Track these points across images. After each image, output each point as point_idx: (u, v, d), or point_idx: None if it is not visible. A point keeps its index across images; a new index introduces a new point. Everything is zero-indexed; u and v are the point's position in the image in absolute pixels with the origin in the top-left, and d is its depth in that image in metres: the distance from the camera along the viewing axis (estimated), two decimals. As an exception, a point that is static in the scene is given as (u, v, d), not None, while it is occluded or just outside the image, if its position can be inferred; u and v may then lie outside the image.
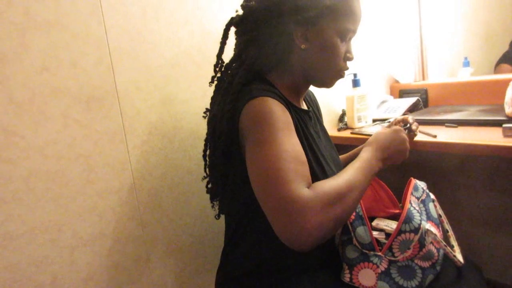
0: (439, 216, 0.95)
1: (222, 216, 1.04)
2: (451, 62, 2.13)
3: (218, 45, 0.95)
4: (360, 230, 0.89)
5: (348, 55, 0.91)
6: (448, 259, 0.90)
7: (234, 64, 0.91)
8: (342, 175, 0.77)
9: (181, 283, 1.24)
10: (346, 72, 0.93)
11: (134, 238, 1.12)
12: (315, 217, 0.65)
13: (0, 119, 0.87)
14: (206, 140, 0.96)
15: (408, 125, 1.10)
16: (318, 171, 0.85)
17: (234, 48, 0.94)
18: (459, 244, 0.95)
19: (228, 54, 0.94)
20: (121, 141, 1.08)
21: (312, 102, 1.11)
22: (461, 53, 2.12)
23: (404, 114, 1.61)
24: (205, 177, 1.03)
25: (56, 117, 0.95)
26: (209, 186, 1.03)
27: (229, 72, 0.91)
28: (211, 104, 0.98)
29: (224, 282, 0.97)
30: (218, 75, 0.96)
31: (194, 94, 1.22)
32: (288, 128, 0.78)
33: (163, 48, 1.15)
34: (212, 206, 1.05)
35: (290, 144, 0.75)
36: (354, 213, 0.90)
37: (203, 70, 1.23)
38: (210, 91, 1.24)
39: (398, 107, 1.65)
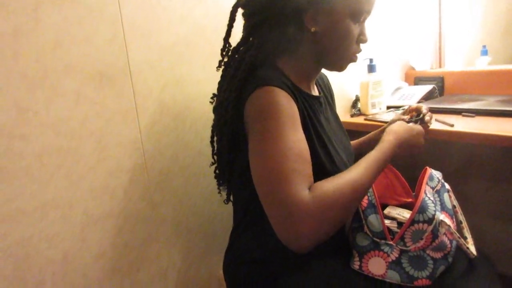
0: (454, 207, 0.94)
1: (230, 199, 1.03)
2: (469, 50, 2.07)
3: (234, 27, 0.92)
4: (372, 218, 0.88)
5: (361, 37, 0.87)
6: (460, 250, 0.89)
7: (241, 48, 0.88)
8: (349, 173, 0.74)
9: (189, 264, 1.25)
10: (358, 55, 0.90)
11: (144, 218, 1.12)
12: (313, 222, 0.64)
13: (13, 95, 0.86)
14: (213, 126, 0.95)
15: (421, 115, 1.03)
16: (325, 160, 0.84)
17: (242, 31, 0.90)
18: (472, 236, 0.94)
19: (236, 38, 0.92)
20: (133, 120, 1.07)
21: (325, 86, 1.08)
22: (480, 41, 2.07)
23: (419, 102, 1.58)
24: (212, 164, 1.02)
25: (69, 94, 0.94)
26: (217, 172, 1.02)
27: (236, 56, 0.89)
28: (218, 89, 0.95)
29: (232, 266, 0.97)
30: (226, 59, 0.93)
31: (207, 75, 1.20)
32: (293, 123, 0.75)
33: (177, 26, 1.13)
34: (219, 192, 1.04)
35: (294, 141, 0.73)
36: (366, 201, 0.89)
37: (218, 50, 1.20)
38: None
39: (413, 95, 1.62)
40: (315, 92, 0.98)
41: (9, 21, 0.84)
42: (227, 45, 0.92)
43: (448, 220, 0.85)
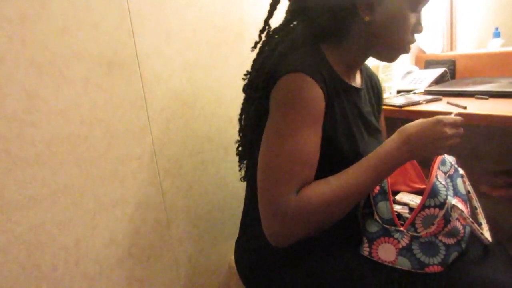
0: (468, 192, 0.92)
1: (241, 186, 1.03)
2: (481, 32, 2.03)
3: (241, 11, 0.90)
4: (382, 205, 0.86)
5: (417, 26, 0.82)
6: (474, 236, 0.87)
7: (283, 31, 0.84)
8: (345, 176, 0.74)
9: (200, 250, 1.26)
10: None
11: (154, 204, 1.13)
12: (292, 225, 0.70)
13: (22, 81, 0.86)
14: (242, 104, 0.94)
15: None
16: (347, 149, 0.82)
17: (286, 13, 0.86)
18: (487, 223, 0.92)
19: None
20: (142, 107, 1.06)
21: (372, 86, 1.01)
22: (492, 23, 2.02)
23: (430, 85, 1.55)
24: (238, 141, 1.00)
25: (77, 81, 0.94)
26: (239, 149, 1.00)
27: (276, 37, 0.85)
28: (251, 67, 0.91)
29: (242, 252, 0.97)
30: (264, 39, 0.88)
31: (215, 61, 1.19)
32: (312, 120, 0.74)
33: (184, 12, 1.11)
34: (240, 170, 1.01)
35: (304, 143, 0.73)
36: (378, 187, 0.88)
37: (225, 36, 1.20)
38: (232, 57, 1.22)
39: (424, 78, 1.59)
40: (356, 83, 0.92)
41: (16, 7, 0.83)
42: (266, 26, 0.88)
43: (461, 205, 0.84)
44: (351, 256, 0.86)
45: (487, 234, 0.86)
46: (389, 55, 0.87)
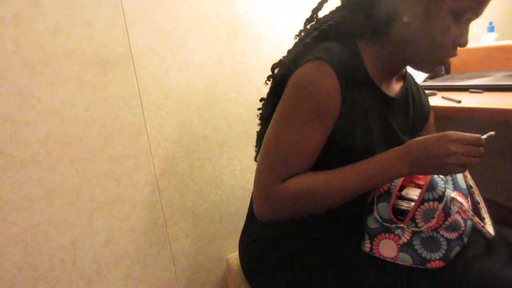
0: (470, 187, 0.91)
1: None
2: (475, 27, 2.03)
3: (234, 9, 0.90)
4: (382, 206, 0.86)
5: (460, 39, 0.74)
6: (477, 231, 0.87)
7: (324, 19, 0.82)
8: (335, 173, 0.74)
9: (198, 248, 1.25)
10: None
11: (151, 203, 1.13)
12: (271, 206, 0.75)
13: (16, 81, 0.85)
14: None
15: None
16: (361, 153, 0.78)
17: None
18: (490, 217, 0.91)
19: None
20: (137, 105, 1.06)
21: (415, 98, 0.95)
22: (486, 17, 2.02)
23: (424, 81, 1.55)
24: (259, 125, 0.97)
25: (71, 80, 0.93)
26: (258, 132, 0.96)
27: (316, 25, 0.82)
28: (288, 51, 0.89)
29: (245, 244, 0.97)
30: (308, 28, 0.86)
31: (210, 58, 1.19)
32: (321, 116, 0.72)
33: (178, 9, 1.11)
34: (256, 151, 0.97)
35: (307, 136, 0.73)
36: (385, 187, 0.86)
37: (220, 33, 1.19)
38: (226, 55, 1.21)
39: (417, 74, 1.59)
40: (391, 91, 0.86)
41: (9, 6, 0.83)
42: (313, 16, 0.85)
43: (460, 198, 0.83)
44: (353, 252, 0.86)
45: (489, 228, 0.85)
46: (425, 65, 0.81)
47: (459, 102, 1.10)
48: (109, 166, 1.02)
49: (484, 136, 0.76)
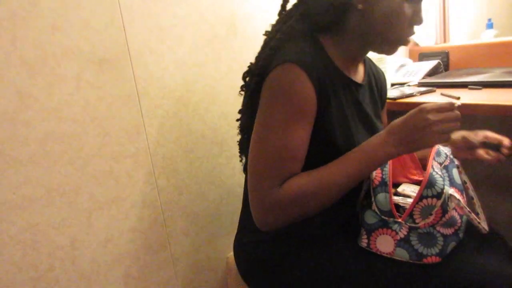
0: (464, 182, 0.92)
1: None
2: (474, 24, 2.03)
3: (232, 6, 0.90)
4: (381, 196, 0.86)
5: (415, 18, 0.79)
6: (471, 226, 0.87)
7: (285, 19, 0.84)
8: (328, 168, 0.76)
9: (197, 247, 1.25)
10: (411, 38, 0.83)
11: (150, 202, 1.12)
12: (275, 215, 0.76)
13: (14, 80, 0.85)
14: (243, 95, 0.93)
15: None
16: (341, 139, 0.81)
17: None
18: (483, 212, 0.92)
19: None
20: (135, 104, 1.06)
21: (377, 83, 1.00)
22: (485, 14, 2.02)
23: (423, 78, 1.55)
24: (239, 133, 0.99)
25: (69, 79, 0.93)
26: (240, 140, 0.99)
27: (277, 27, 0.85)
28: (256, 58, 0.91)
29: (240, 246, 0.97)
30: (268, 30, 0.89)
31: (208, 57, 1.18)
32: (300, 115, 0.75)
33: (175, 7, 1.10)
34: (241, 160, 1.00)
35: (292, 138, 0.74)
36: (379, 178, 0.87)
37: (217, 31, 1.19)
38: (224, 53, 1.21)
39: (417, 71, 1.59)
40: (357, 77, 0.90)
41: (6, 6, 0.83)
42: (283, 12, 0.87)
43: (457, 195, 0.84)
44: (349, 248, 0.86)
45: (484, 224, 0.86)
46: (387, 48, 0.84)
47: (458, 98, 1.11)
48: (108, 165, 1.02)
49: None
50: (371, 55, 1.49)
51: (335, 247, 0.86)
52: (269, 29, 0.88)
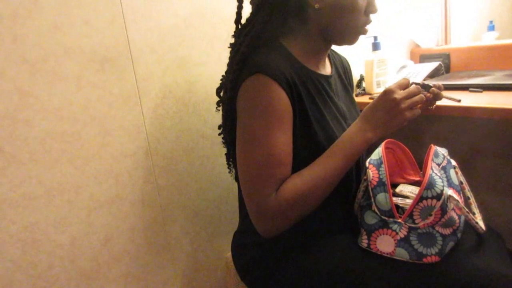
0: (460, 183, 0.93)
1: (235, 182, 1.03)
2: (476, 26, 2.03)
3: (233, 7, 0.90)
4: (381, 196, 0.86)
5: (370, 8, 0.84)
6: (469, 226, 0.88)
7: (246, 29, 0.87)
8: (315, 166, 0.79)
9: (197, 246, 1.25)
10: (368, 27, 0.88)
11: (150, 202, 1.12)
12: (275, 220, 0.78)
13: (14, 79, 0.86)
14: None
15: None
16: (326, 141, 0.84)
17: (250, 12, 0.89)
18: (480, 212, 0.93)
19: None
20: (136, 103, 1.06)
21: (343, 70, 1.05)
22: (486, 16, 2.02)
23: (425, 79, 1.55)
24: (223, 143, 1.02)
25: (70, 78, 0.93)
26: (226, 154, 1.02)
27: (240, 38, 0.87)
28: (226, 72, 0.94)
29: (238, 248, 0.97)
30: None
31: (209, 57, 1.19)
32: (280, 122, 0.78)
33: (177, 7, 1.11)
34: (229, 172, 1.03)
35: (276, 146, 0.77)
36: (376, 178, 0.87)
37: (219, 31, 1.19)
38: (225, 54, 1.21)
39: (418, 72, 1.59)
40: (326, 71, 0.95)
41: (7, 4, 0.83)
42: (238, 27, 0.91)
43: (456, 196, 0.84)
44: (349, 249, 0.86)
45: (481, 223, 0.87)
46: (346, 39, 0.88)
47: (459, 101, 1.10)
48: (108, 164, 1.02)
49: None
50: (372, 56, 1.50)
51: (334, 247, 0.87)
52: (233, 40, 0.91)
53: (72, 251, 0.98)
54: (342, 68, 1.05)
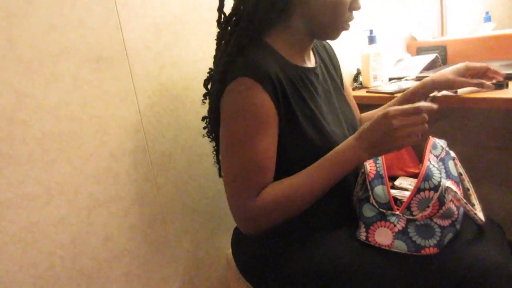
0: (460, 174, 0.93)
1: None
2: (472, 17, 2.03)
3: (229, 4, 0.90)
4: (379, 189, 0.87)
5: (354, 4, 0.84)
6: (468, 217, 0.88)
7: (233, 18, 0.86)
8: (299, 176, 0.80)
9: (197, 244, 1.26)
10: (352, 24, 0.88)
11: (149, 200, 1.13)
12: (256, 224, 0.81)
13: (11, 79, 0.86)
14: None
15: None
16: (316, 136, 0.84)
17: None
18: (480, 203, 0.93)
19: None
20: (133, 102, 1.06)
21: (328, 57, 1.04)
22: (483, 7, 2.01)
23: (421, 72, 1.55)
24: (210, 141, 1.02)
25: (66, 78, 0.94)
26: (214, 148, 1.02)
27: (228, 29, 0.87)
28: (214, 63, 0.96)
29: (238, 244, 0.97)
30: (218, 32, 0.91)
31: (205, 54, 1.18)
32: (264, 127, 0.78)
33: (172, 5, 1.10)
34: (220, 175, 1.02)
35: (259, 151, 0.78)
36: (374, 171, 0.88)
37: (214, 28, 1.18)
38: (221, 50, 1.21)
39: (415, 65, 1.58)
40: (311, 63, 0.95)
41: (2, 5, 0.83)
42: (221, 15, 0.89)
43: (454, 187, 0.84)
44: (348, 242, 0.86)
45: (480, 214, 0.87)
46: (329, 34, 0.89)
47: (456, 92, 1.11)
48: (107, 163, 1.03)
49: (427, 103, 0.82)
50: (368, 51, 1.50)
51: (333, 241, 0.87)
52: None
53: (72, 251, 0.99)
54: (326, 55, 1.04)
